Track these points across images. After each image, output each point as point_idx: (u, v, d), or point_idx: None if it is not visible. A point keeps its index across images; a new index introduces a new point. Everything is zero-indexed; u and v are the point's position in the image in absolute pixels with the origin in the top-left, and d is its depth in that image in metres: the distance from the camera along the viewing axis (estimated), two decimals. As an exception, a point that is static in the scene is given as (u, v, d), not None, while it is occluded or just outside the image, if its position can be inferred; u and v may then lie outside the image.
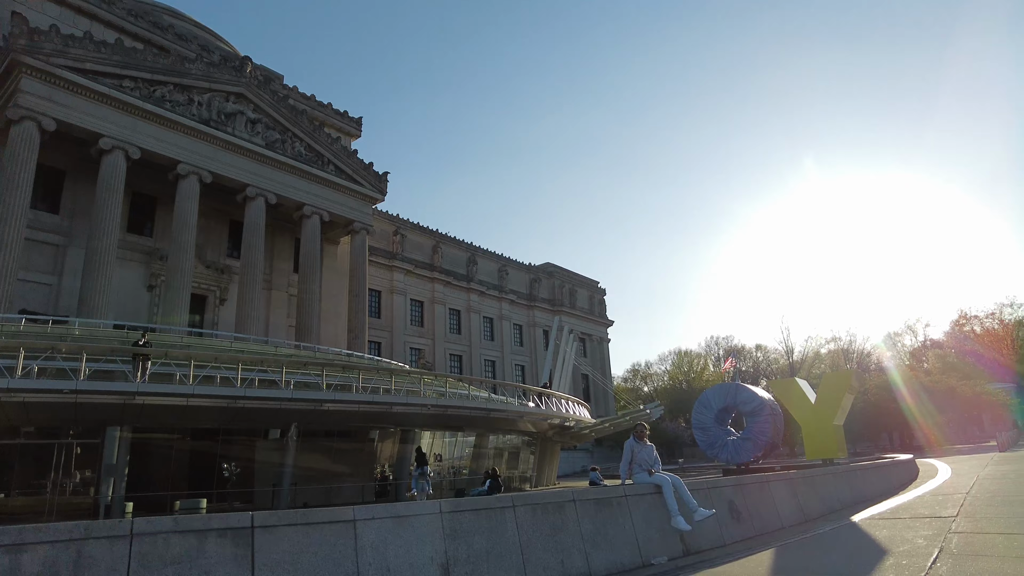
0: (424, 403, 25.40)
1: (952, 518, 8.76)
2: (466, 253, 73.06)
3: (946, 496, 11.73)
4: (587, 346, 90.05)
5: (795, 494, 10.33)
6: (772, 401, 20.90)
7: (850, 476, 13.22)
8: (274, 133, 44.72)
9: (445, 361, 67.75)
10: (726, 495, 8.95)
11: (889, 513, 10.05)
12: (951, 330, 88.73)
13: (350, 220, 48.80)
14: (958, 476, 16.41)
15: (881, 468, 15.89)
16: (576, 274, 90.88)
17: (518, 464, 37.17)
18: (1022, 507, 9.47)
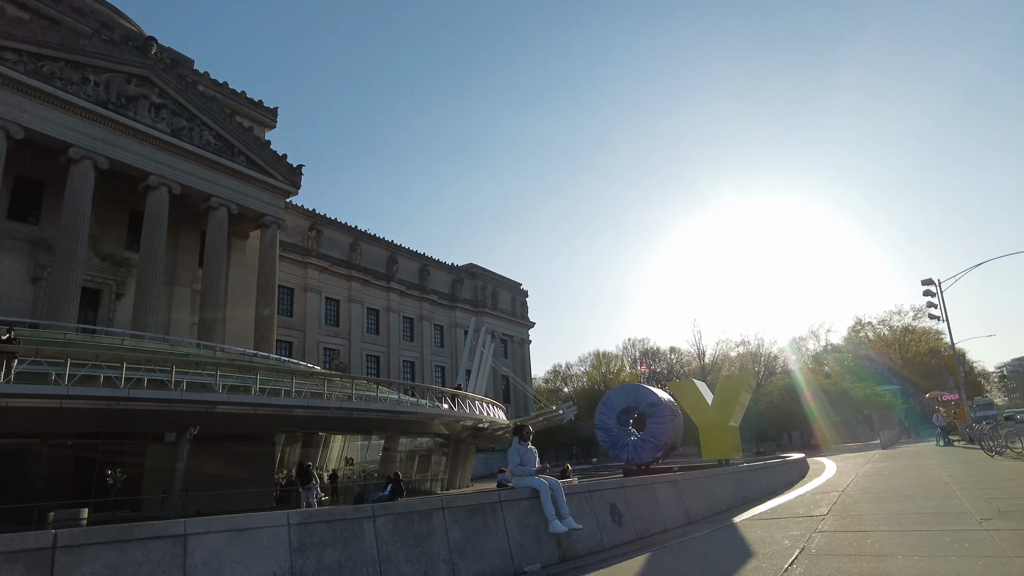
0: (327, 405, 24.45)
1: (822, 517, 8.99)
2: (386, 251, 71.55)
3: (824, 494, 12.16)
4: (508, 347, 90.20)
5: (680, 496, 10.38)
6: (672, 402, 21.33)
7: (738, 477, 13.52)
8: (181, 120, 42.28)
9: (361, 362, 66.03)
10: (608, 498, 8.83)
11: (768, 513, 10.25)
12: (848, 335, 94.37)
13: (261, 213, 46.77)
14: (840, 474, 17.20)
15: (771, 468, 16.43)
16: (499, 275, 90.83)
17: (430, 467, 36.55)
18: (886, 504, 9.87)
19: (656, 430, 20.11)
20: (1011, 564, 5.32)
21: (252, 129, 47.06)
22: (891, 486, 12.77)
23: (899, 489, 12.04)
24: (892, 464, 19.92)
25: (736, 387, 21.16)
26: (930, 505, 9.29)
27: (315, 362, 57.63)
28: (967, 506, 8.79)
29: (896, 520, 8.15)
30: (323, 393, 25.29)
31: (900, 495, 10.99)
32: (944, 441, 30.42)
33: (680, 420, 21.10)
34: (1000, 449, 19.34)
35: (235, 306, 47.17)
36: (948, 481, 12.55)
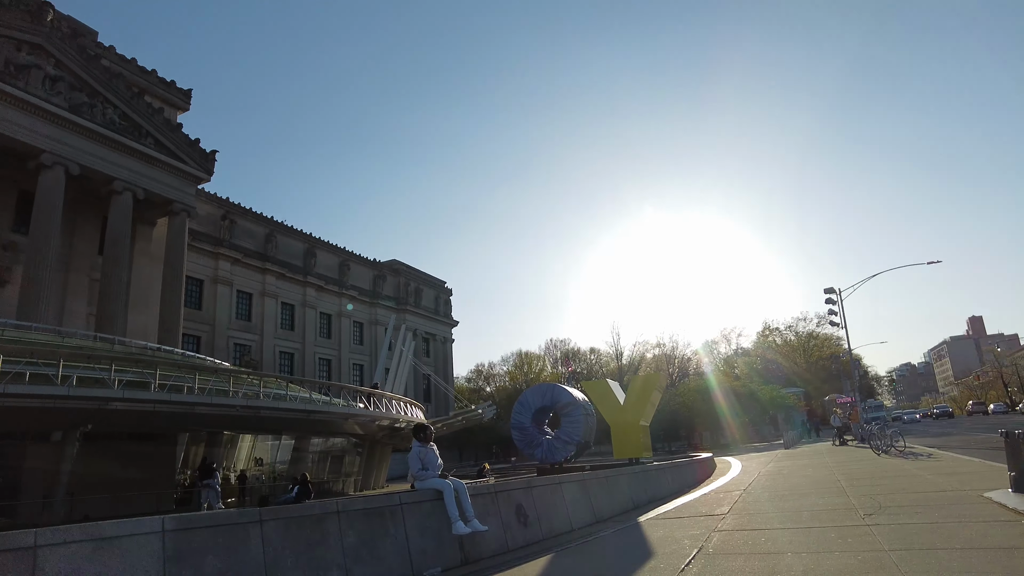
0: (233, 404, 23.26)
1: (722, 516, 9.21)
2: (304, 244, 69.25)
3: (727, 493, 12.54)
4: (431, 346, 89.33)
5: (588, 495, 10.41)
6: (586, 402, 21.59)
7: (646, 476, 13.76)
8: (81, 95, 39.39)
9: (275, 360, 63.61)
10: (515, 499, 8.72)
11: (673, 512, 10.43)
12: (757, 339, 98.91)
13: (169, 200, 44.27)
14: (744, 473, 17.86)
15: (679, 467, 16.86)
16: (423, 273, 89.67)
17: (343, 467, 35.55)
18: (783, 502, 10.24)
19: (570, 429, 20.27)
20: (885, 557, 5.56)
21: (162, 110, 44.46)
22: (789, 484, 13.32)
23: (796, 487, 12.56)
24: (792, 463, 20.90)
25: (647, 387, 21.61)
26: (822, 502, 9.71)
27: (225, 358, 55.00)
28: (854, 502, 9.22)
29: (790, 518, 8.43)
30: (228, 391, 24.03)
31: (797, 493, 11.45)
32: (840, 441, 32.29)
33: (593, 419, 21.35)
34: (886, 448, 20.71)
35: (139, 297, 44.48)
36: (840, 479, 13.22)
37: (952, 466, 13.94)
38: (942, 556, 5.41)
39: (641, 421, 20.21)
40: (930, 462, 15.61)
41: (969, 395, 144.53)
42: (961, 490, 9.54)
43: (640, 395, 20.68)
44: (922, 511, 7.86)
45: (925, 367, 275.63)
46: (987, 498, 8.37)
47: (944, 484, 10.58)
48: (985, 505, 7.90)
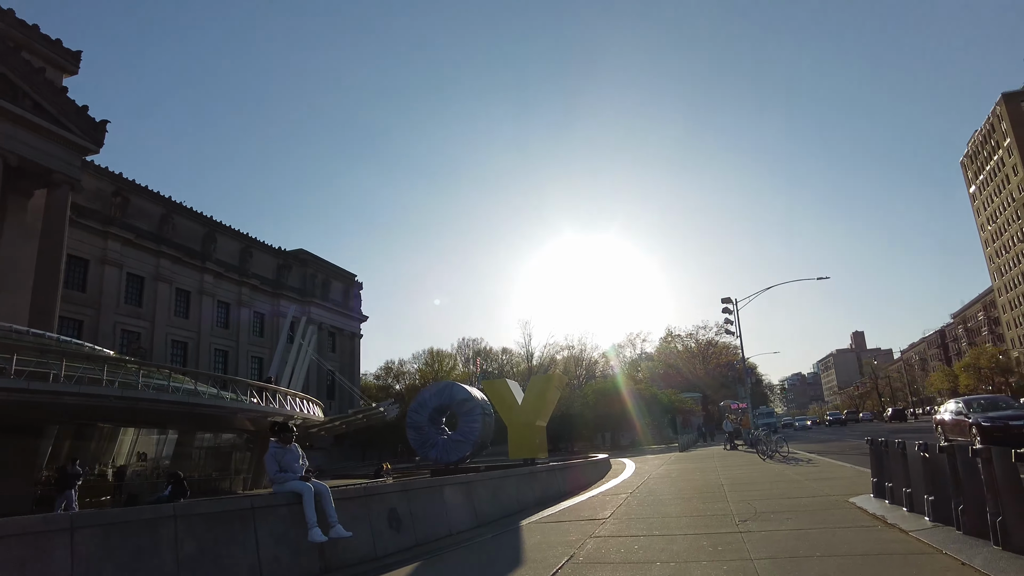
0: (107, 394, 21.36)
1: (603, 521, 9.06)
2: (204, 228, 65.43)
3: (614, 496, 12.52)
4: (337, 341, 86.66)
5: (470, 498, 10.03)
6: (485, 401, 21.27)
7: (537, 477, 13.54)
8: (-54, 47, 35.47)
9: (167, 349, 59.67)
10: (388, 502, 8.20)
11: (557, 516, 10.22)
12: (660, 345, 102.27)
13: (49, 170, 40.56)
14: (636, 475, 18.08)
15: (572, 468, 16.81)
16: (331, 264, 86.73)
17: (231, 464, 33.64)
18: (665, 506, 10.26)
19: (467, 429, 19.87)
20: (750, 566, 5.50)
21: (44, 71, 40.63)
22: (675, 488, 13.48)
23: (681, 491, 12.71)
24: (683, 467, 21.41)
25: (545, 387, 21.55)
26: (703, 507, 9.77)
27: (110, 345, 51.06)
28: (732, 508, 9.32)
29: (669, 524, 8.37)
30: (102, 379, 22.05)
31: (680, 497, 11.55)
32: (731, 446, 33.62)
33: (492, 419, 21.06)
34: (771, 453, 21.61)
35: (9, 275, 40.48)
36: (723, 483, 13.51)
37: (827, 472, 14.57)
38: (803, 564, 5.40)
39: (538, 421, 20.10)
40: (808, 468, 16.30)
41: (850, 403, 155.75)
42: (830, 495, 9.86)
43: (538, 395, 20.57)
44: (792, 517, 7.98)
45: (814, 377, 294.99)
46: (852, 503, 8.65)
47: (816, 489, 10.94)
48: (849, 511, 8.12)
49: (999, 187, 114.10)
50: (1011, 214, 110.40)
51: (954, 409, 20.59)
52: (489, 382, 22.79)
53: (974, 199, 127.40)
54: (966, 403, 20.18)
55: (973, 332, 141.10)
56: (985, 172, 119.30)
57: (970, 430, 18.55)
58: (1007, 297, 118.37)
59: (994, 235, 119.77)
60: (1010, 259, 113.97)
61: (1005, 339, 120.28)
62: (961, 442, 19.69)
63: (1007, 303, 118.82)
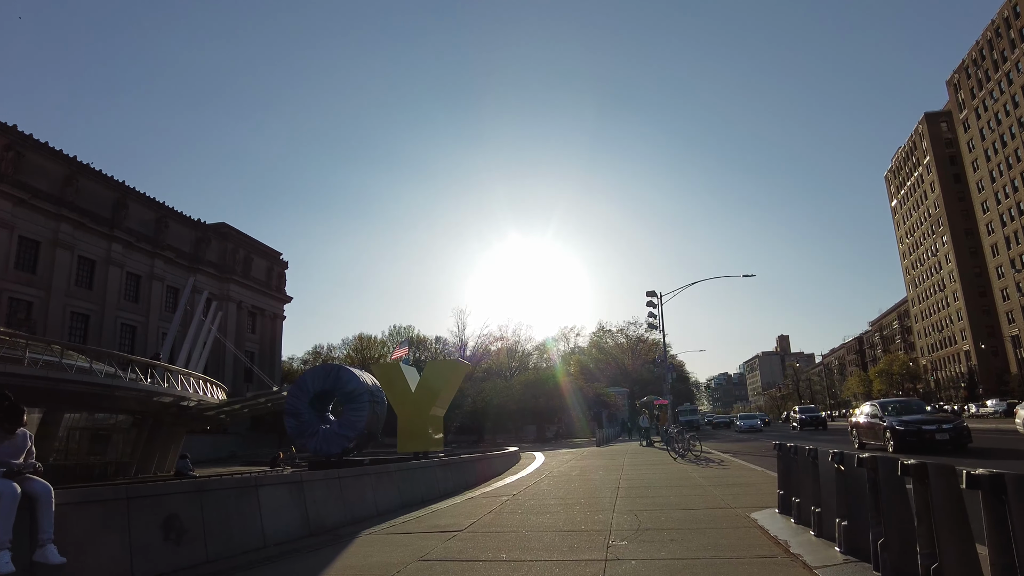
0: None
1: (455, 534, 7.40)
2: (114, 193, 60.58)
3: (493, 498, 10.92)
4: (258, 321, 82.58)
5: (303, 501, 8.16)
6: (376, 387, 19.31)
7: (412, 474, 11.73)
8: None
9: (64, 321, 54.92)
10: (168, 507, 6.25)
11: (410, 524, 8.49)
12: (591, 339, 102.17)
13: (-82, 114, 35.96)
14: (535, 473, 16.55)
15: (462, 464, 15.02)
16: (255, 241, 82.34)
17: (109, 449, 30.48)
18: (539, 516, 8.64)
19: (352, 418, 17.90)
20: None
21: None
22: (565, 490, 11.96)
23: (569, 495, 11.20)
24: (589, 463, 20.06)
25: (443, 374, 19.75)
26: (579, 518, 8.22)
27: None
28: (615, 521, 7.80)
29: (529, 542, 6.75)
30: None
31: (563, 503, 10.00)
32: (647, 442, 32.77)
33: (383, 408, 19.16)
34: (683, 452, 20.55)
35: None
36: (620, 486, 12.09)
37: (735, 476, 13.38)
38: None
39: (433, 410, 18.30)
40: (717, 470, 15.13)
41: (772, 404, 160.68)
42: (731, 508, 8.48)
43: (434, 382, 18.73)
44: (678, 538, 6.48)
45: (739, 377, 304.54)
46: (752, 520, 7.24)
47: (718, 499, 9.58)
48: (748, 531, 6.68)
49: (918, 202, 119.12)
50: (927, 229, 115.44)
51: (869, 412, 20.00)
52: (380, 365, 20.91)
53: (895, 212, 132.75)
54: (880, 406, 19.58)
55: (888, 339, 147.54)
56: (906, 187, 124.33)
57: (884, 434, 17.88)
58: (919, 308, 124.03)
59: (911, 248, 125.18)
60: (923, 272, 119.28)
61: (915, 347, 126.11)
62: (875, 446, 19.14)
63: (919, 313, 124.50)
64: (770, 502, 8.31)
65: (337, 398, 18.83)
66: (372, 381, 19.23)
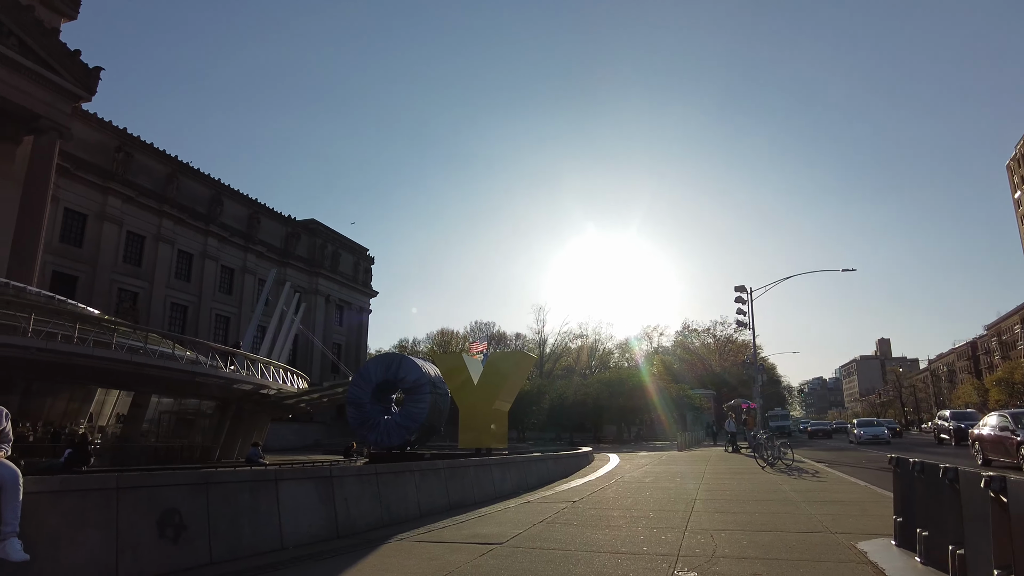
0: (28, 345, 19.14)
1: (492, 548, 6.34)
2: (211, 190, 63.44)
3: (550, 504, 9.79)
4: (345, 314, 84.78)
5: (332, 500, 7.35)
6: (439, 378, 18.54)
7: (461, 473, 10.68)
8: (-79, -26, 33.52)
9: (165, 311, 58.10)
10: (166, 500, 5.55)
11: (451, 531, 7.52)
12: (676, 339, 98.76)
13: (35, 114, 38.63)
14: (605, 476, 15.25)
15: (525, 463, 13.89)
16: (343, 236, 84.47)
17: (193, 433, 31.49)
18: (596, 530, 7.40)
19: (413, 410, 17.22)
20: None
21: (32, 9, 38.54)
22: (632, 500, 10.66)
23: (636, 505, 9.91)
24: (666, 469, 18.52)
25: (507, 366, 18.68)
26: (642, 536, 6.96)
27: (107, 303, 49.56)
28: (685, 543, 6.51)
29: (573, 564, 5.62)
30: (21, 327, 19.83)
31: (628, 515, 8.74)
32: (732, 448, 30.63)
33: (446, 400, 18.39)
34: (772, 460, 18.66)
35: (-8, 222, 38.83)
36: (697, 497, 10.67)
37: (833, 491, 11.63)
38: None
39: (497, 404, 17.30)
40: (812, 483, 13.34)
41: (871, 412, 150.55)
42: (831, 532, 6.96)
43: (498, 375, 17.69)
44: (764, 572, 5.14)
45: (835, 383, 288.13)
46: (861, 552, 5.76)
47: (815, 520, 8.04)
48: (856, 568, 5.24)
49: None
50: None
51: (997, 424, 17.36)
52: (442, 355, 20.25)
53: (1018, 205, 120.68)
54: (1013, 417, 16.89)
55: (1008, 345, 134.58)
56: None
57: (1018, 451, 15.37)
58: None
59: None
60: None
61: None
62: (1005, 464, 16.61)
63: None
64: (881, 528, 6.79)
65: (400, 389, 18.28)
66: (435, 372, 18.55)
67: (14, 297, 27.52)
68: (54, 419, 27.22)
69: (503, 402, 17.70)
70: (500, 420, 17.65)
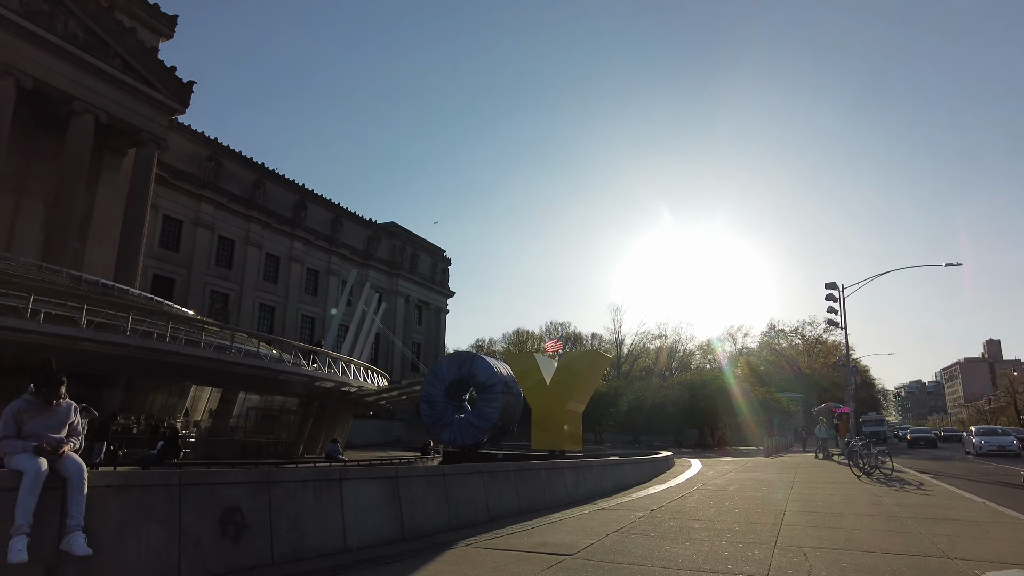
0: (125, 343, 20.26)
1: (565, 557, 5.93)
2: (295, 195, 66.13)
3: (626, 512, 9.25)
4: (423, 314, 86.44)
5: (398, 501, 7.13)
6: (511, 377, 18.18)
7: (527, 476, 10.11)
8: (40, 3, 36.32)
9: (254, 312, 61.09)
10: (228, 498, 5.46)
11: (519, 538, 7.14)
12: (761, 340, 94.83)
13: (137, 128, 41.29)
14: (686, 483, 14.44)
15: (593, 467, 13.24)
16: (421, 238, 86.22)
17: (278, 429, 32.62)
18: (674, 544, 6.84)
19: (485, 409, 16.99)
20: None
21: (135, 30, 41.15)
22: (716, 510, 9.96)
23: (720, 516, 9.22)
24: (752, 476, 17.47)
25: (581, 366, 18.10)
26: (727, 553, 6.35)
27: (200, 304, 52.53)
28: (775, 562, 5.86)
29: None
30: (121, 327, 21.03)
31: (711, 527, 8.10)
32: (824, 454, 28.82)
33: (518, 400, 18.06)
34: (870, 469, 17.25)
35: (102, 230, 41.80)
36: (788, 510, 9.84)
37: (944, 506, 10.50)
38: None
39: (570, 405, 16.80)
40: (917, 496, 12.15)
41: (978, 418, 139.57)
42: (949, 558, 6.11)
43: (571, 374, 17.16)
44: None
45: (935, 386, 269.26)
46: (991, 585, 4.99)
47: (926, 541, 7.15)
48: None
49: None
50: None
51: None
52: (513, 354, 19.97)
53: None
54: None
55: None
56: None
57: None
58: None
59: None
60: None
61: None
62: None
63: None
64: (1009, 555, 5.91)
65: (472, 388, 18.13)
66: (507, 372, 18.27)
67: (117, 298, 29.46)
68: (154, 413, 28.88)
69: (577, 403, 17.22)
70: (574, 421, 17.17)
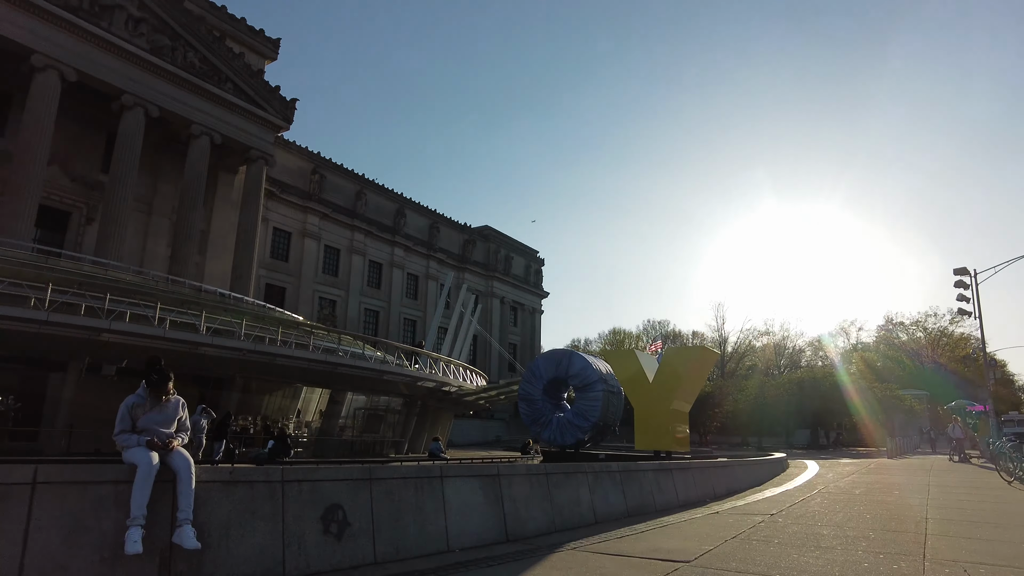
0: (239, 347, 21.46)
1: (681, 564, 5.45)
2: (394, 204, 68.38)
3: (743, 516, 8.55)
4: (519, 315, 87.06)
5: (500, 500, 6.88)
6: (611, 375, 17.52)
7: (632, 477, 9.57)
8: (163, 38, 39.45)
9: (359, 316, 63.74)
10: (329, 495, 5.41)
11: (628, 543, 6.71)
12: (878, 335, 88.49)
13: (247, 147, 44.01)
14: (805, 486, 13.36)
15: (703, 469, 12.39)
16: (514, 240, 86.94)
17: (383, 427, 33.56)
18: (802, 552, 6.15)
19: (585, 407, 16.52)
20: None
21: (243, 55, 43.90)
22: (844, 515, 9.04)
23: (849, 522, 8.34)
24: (879, 479, 15.99)
25: (687, 362, 17.20)
26: (867, 563, 5.61)
27: (309, 311, 55.33)
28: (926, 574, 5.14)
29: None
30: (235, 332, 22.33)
31: (842, 534, 7.31)
32: (960, 456, 26.14)
33: (620, 398, 17.45)
34: (1021, 474, 15.28)
35: (218, 243, 44.92)
36: (927, 517, 8.79)
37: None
38: None
39: (675, 404, 16.00)
40: (1086, 503, 10.61)
41: None
42: None
43: (675, 371, 16.33)
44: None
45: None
46: None
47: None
48: None
49: None
50: None
51: None
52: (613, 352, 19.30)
53: None
54: None
55: None
56: None
57: None
58: None
59: None
60: None
61: None
62: None
63: None
64: None
65: (570, 386, 17.77)
66: (606, 369, 17.70)
67: (233, 306, 31.47)
68: (270, 414, 30.54)
69: (682, 402, 16.41)
70: (680, 422, 16.38)
